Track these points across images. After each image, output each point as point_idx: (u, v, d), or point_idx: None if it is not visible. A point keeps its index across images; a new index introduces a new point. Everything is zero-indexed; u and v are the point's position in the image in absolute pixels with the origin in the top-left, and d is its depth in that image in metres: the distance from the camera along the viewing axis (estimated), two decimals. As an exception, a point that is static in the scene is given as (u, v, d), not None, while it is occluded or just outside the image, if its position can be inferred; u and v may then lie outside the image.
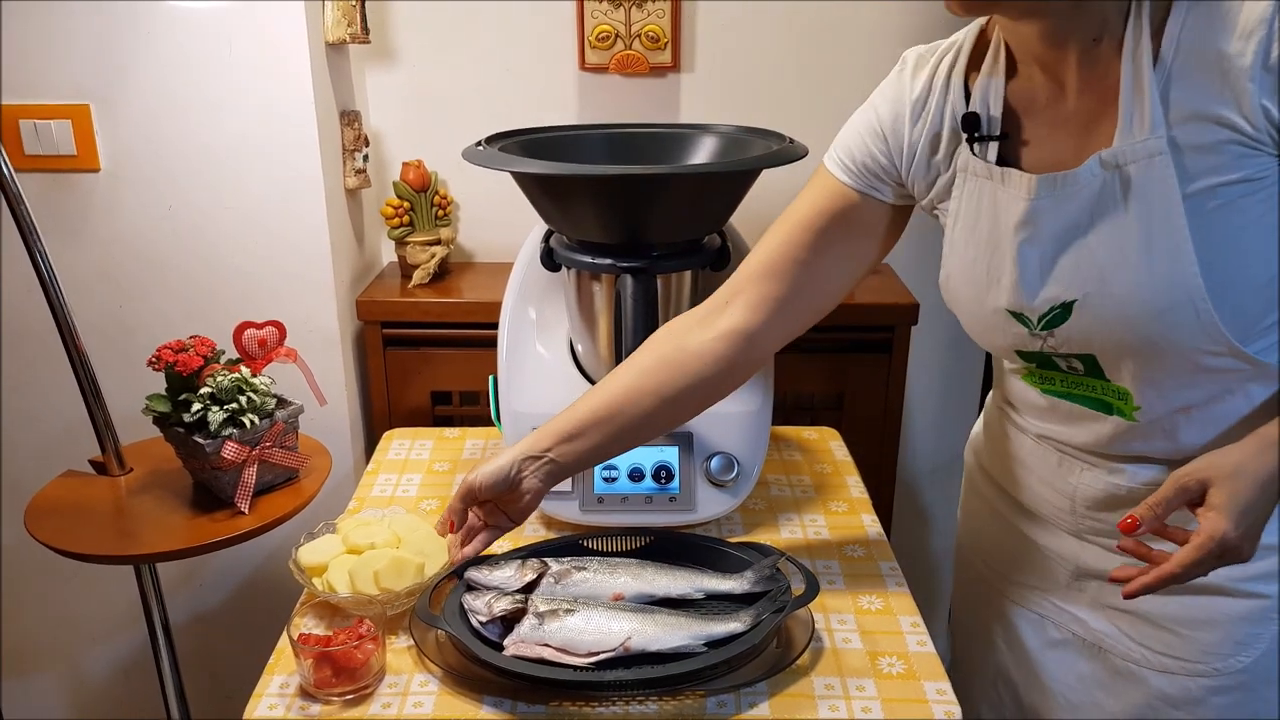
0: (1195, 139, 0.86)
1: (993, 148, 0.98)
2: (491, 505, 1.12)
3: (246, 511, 1.37)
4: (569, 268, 1.32)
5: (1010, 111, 0.98)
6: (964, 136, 1.00)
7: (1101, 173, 0.90)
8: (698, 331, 1.11)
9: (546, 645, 1.02)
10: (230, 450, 1.34)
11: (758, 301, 1.09)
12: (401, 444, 1.59)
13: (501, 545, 1.30)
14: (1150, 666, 1.07)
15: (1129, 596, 0.91)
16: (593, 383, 1.37)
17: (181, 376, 1.37)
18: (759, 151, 1.32)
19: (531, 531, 1.34)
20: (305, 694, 1.04)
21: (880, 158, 1.06)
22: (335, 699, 1.02)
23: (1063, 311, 0.96)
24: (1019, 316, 0.99)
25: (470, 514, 1.13)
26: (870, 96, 1.09)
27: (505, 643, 1.03)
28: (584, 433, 1.09)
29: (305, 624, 1.10)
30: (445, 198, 1.89)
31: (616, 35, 1.80)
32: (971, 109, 0.99)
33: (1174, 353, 0.92)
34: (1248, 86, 0.83)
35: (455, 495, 1.11)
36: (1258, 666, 1.02)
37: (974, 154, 0.99)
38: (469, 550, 1.12)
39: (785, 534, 1.34)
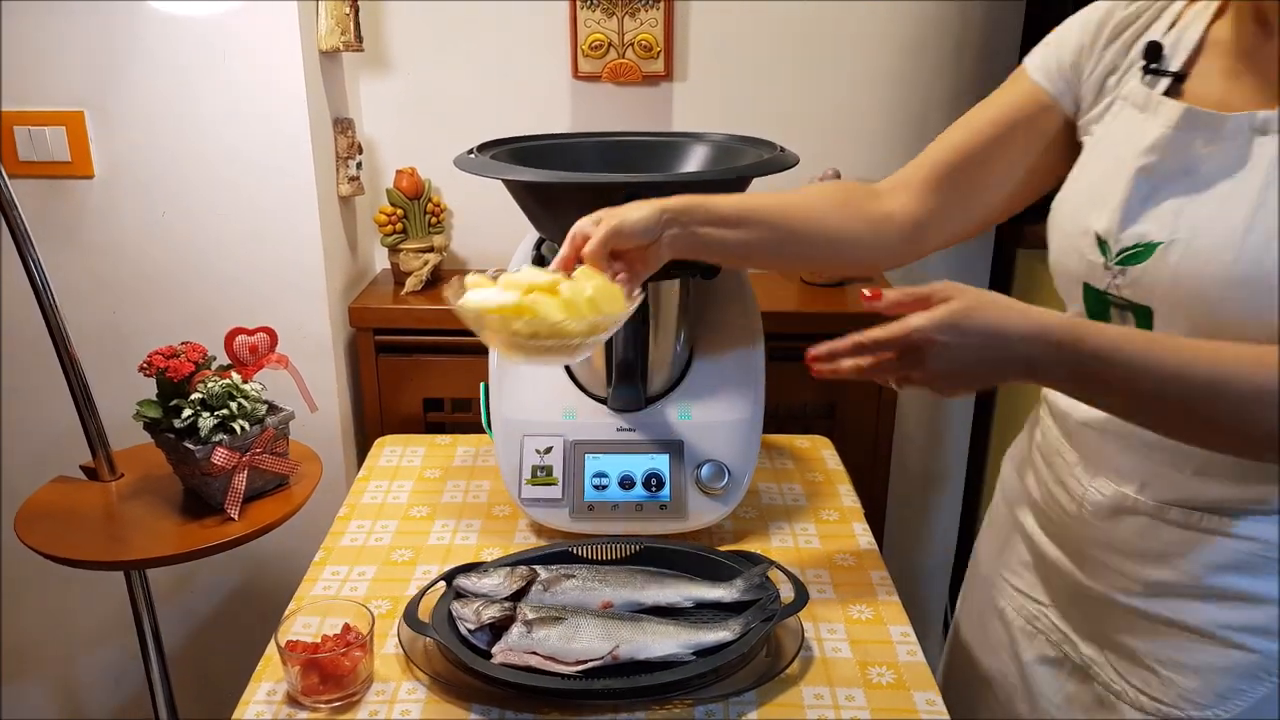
0: None
1: (1164, 83, 0.93)
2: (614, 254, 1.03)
3: (236, 517, 1.37)
4: (560, 275, 1.32)
5: (1200, 51, 0.93)
6: (1140, 63, 0.95)
7: (1248, 130, 0.86)
8: (870, 200, 1.11)
9: (534, 653, 1.02)
10: (220, 456, 1.34)
11: (927, 193, 1.09)
12: (393, 451, 1.59)
13: (491, 553, 1.30)
14: (1128, 701, 1.02)
15: (812, 359, 0.91)
16: (584, 390, 1.37)
17: (173, 382, 1.37)
18: (750, 160, 1.33)
19: (521, 539, 1.34)
20: (292, 701, 1.03)
21: (1072, 55, 1.02)
22: (322, 706, 1.02)
23: (1144, 251, 0.91)
24: (1103, 245, 0.95)
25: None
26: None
27: (493, 650, 1.03)
28: (739, 223, 1.04)
29: (293, 630, 1.10)
30: (438, 205, 1.89)
31: (609, 44, 1.80)
32: (1158, 38, 0.95)
33: (1230, 330, 0.86)
34: None
35: (598, 239, 0.99)
36: None
37: (1141, 82, 0.95)
38: None
39: (776, 543, 1.34)
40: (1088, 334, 0.84)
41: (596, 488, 1.31)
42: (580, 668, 1.01)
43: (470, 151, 1.32)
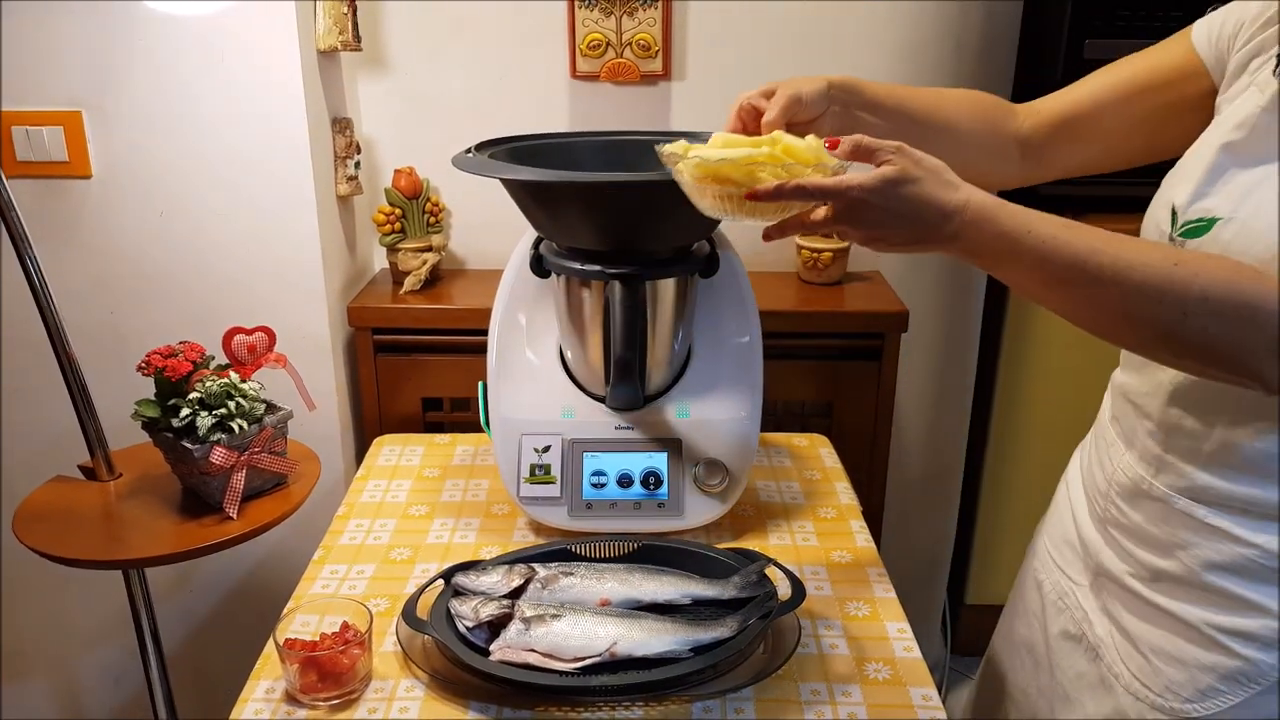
0: None
1: None
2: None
3: (235, 517, 1.37)
4: (558, 274, 1.33)
5: None
6: (1274, 55, 0.93)
7: None
8: (1006, 119, 1.15)
9: (533, 650, 1.02)
10: (219, 455, 1.34)
11: (1057, 127, 1.12)
12: (392, 450, 1.60)
13: (489, 551, 1.31)
14: (1123, 685, 1.04)
15: (751, 196, 0.92)
16: (582, 389, 1.38)
17: (171, 382, 1.37)
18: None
19: (520, 537, 1.35)
20: (291, 699, 1.04)
21: (1233, 28, 1.01)
22: (321, 704, 1.02)
23: (1205, 226, 0.90)
24: (1174, 216, 0.94)
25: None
26: None
27: (491, 648, 1.03)
28: (889, 114, 1.10)
29: (292, 629, 1.10)
30: (437, 205, 1.90)
31: (608, 44, 1.81)
32: None
33: None
34: None
35: (779, 107, 1.05)
36: None
37: (1274, 72, 0.92)
38: None
39: (774, 540, 1.34)
40: (1003, 212, 0.87)
41: (595, 486, 1.32)
42: (578, 665, 1.01)
43: (468, 151, 1.32)
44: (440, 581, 1.15)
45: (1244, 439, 0.91)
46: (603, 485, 1.32)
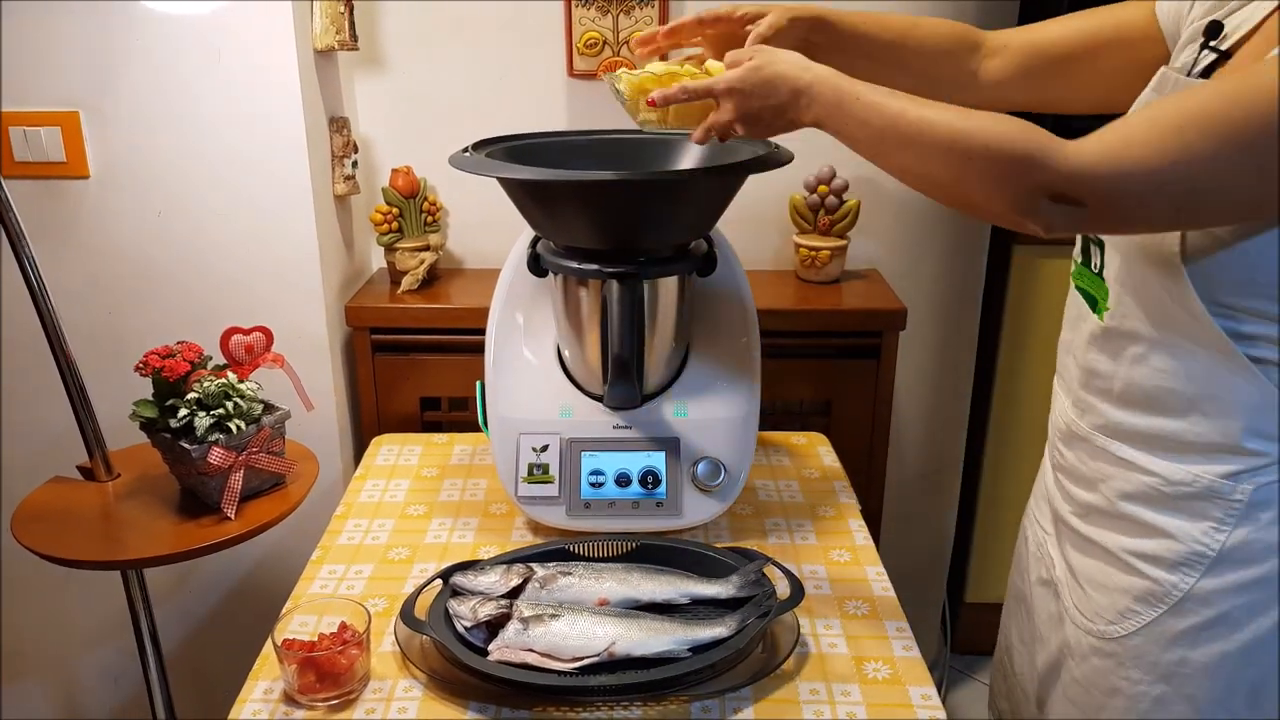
0: None
1: (1209, 57, 0.98)
2: (720, 36, 1.22)
3: (233, 517, 1.37)
4: (556, 273, 1.33)
5: (1251, 35, 0.97)
6: (1200, 40, 1.00)
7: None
8: (970, 55, 1.24)
9: (531, 650, 1.03)
10: (216, 456, 1.34)
11: (1015, 69, 1.20)
12: (390, 449, 1.60)
13: (488, 551, 1.31)
14: (1070, 617, 1.12)
15: (650, 101, 1.08)
16: (580, 388, 1.38)
17: (168, 382, 1.37)
18: (745, 157, 1.33)
19: (518, 537, 1.35)
20: (289, 699, 1.04)
21: (1181, 11, 1.08)
22: (319, 704, 1.02)
23: None
24: None
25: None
26: None
27: (490, 648, 1.04)
28: (856, 49, 1.20)
29: (290, 629, 1.10)
30: (434, 204, 1.89)
31: (604, 42, 1.80)
32: (1220, 18, 1.00)
33: (1142, 266, 0.97)
34: None
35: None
36: (1129, 642, 1.05)
37: (1197, 54, 1.00)
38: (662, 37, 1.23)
39: (772, 539, 1.34)
40: (843, 82, 1.00)
41: (593, 485, 1.32)
42: (577, 664, 1.01)
43: (465, 150, 1.32)
44: (438, 581, 1.15)
45: (1143, 379, 1.00)
46: (601, 484, 1.32)
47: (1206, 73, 0.98)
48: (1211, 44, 0.99)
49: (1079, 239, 1.11)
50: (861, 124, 0.98)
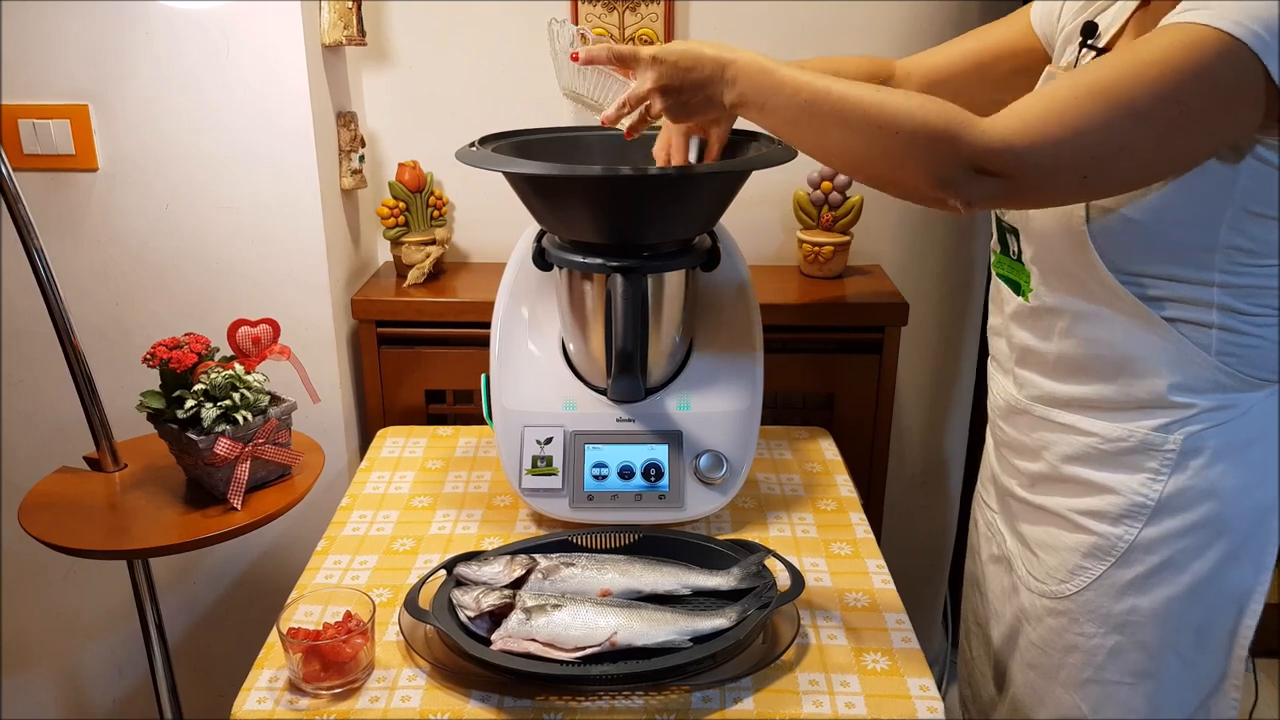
0: None
1: (1088, 54, 1.08)
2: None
3: (239, 508, 1.38)
4: (561, 267, 1.33)
5: (1123, 31, 1.07)
6: (1079, 40, 1.10)
7: None
8: (889, 77, 1.33)
9: (534, 640, 1.03)
10: (223, 447, 1.35)
11: (923, 91, 1.22)
12: (395, 442, 1.61)
13: (491, 543, 1.32)
14: (1024, 584, 1.20)
15: (572, 57, 1.12)
16: (584, 381, 1.39)
17: (176, 373, 1.38)
18: (749, 154, 1.34)
19: (521, 529, 1.35)
20: (294, 688, 1.05)
21: (1057, 9, 1.18)
22: (324, 692, 1.03)
23: None
24: None
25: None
26: None
27: (493, 638, 1.04)
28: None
29: (295, 618, 1.11)
30: (440, 198, 1.90)
31: (610, 38, 1.81)
32: (1094, 19, 1.09)
33: (1055, 246, 1.05)
34: None
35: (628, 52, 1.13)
36: (1081, 598, 1.12)
37: (1077, 54, 1.09)
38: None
39: (773, 532, 1.35)
40: (768, 63, 1.03)
41: (596, 478, 1.33)
42: (579, 654, 1.02)
43: (472, 144, 1.33)
44: (442, 572, 1.16)
45: (1072, 349, 1.09)
46: (604, 477, 1.33)
47: None
48: (1089, 42, 1.09)
49: (994, 229, 1.19)
50: (787, 101, 1.00)
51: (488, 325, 1.42)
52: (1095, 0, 1.13)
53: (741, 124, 1.50)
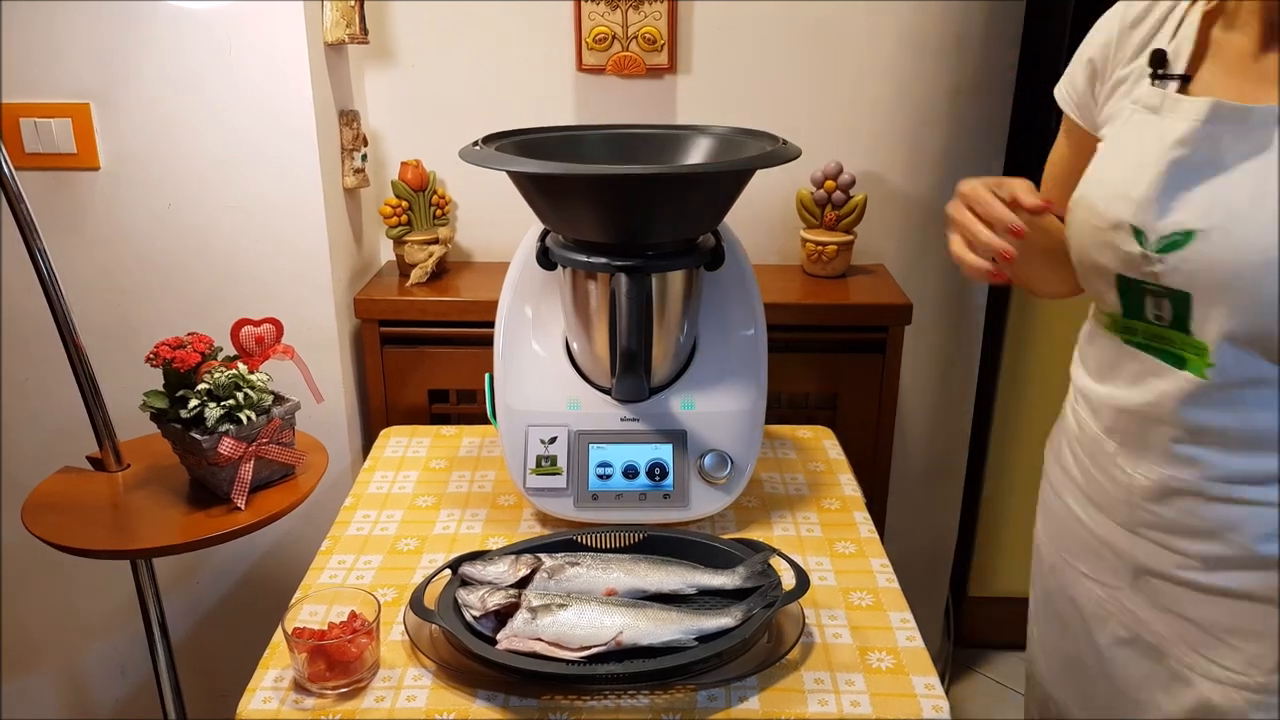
0: None
1: (1173, 85, 1.00)
2: None
3: (243, 507, 1.38)
4: (564, 267, 1.33)
5: (1201, 53, 1.01)
6: (1149, 71, 1.03)
7: (1273, 121, 0.91)
8: None
9: (539, 639, 1.03)
10: (227, 446, 1.35)
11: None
12: (398, 441, 1.60)
13: (496, 542, 1.31)
14: (1202, 673, 1.05)
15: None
16: (588, 380, 1.38)
17: (179, 373, 1.38)
18: (753, 152, 1.33)
19: (525, 529, 1.35)
20: (299, 687, 1.04)
21: (1084, 77, 1.12)
22: (329, 692, 1.03)
23: (1183, 238, 0.95)
24: (1138, 234, 0.98)
25: None
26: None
27: (498, 637, 1.04)
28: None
29: (299, 618, 1.11)
30: (443, 197, 1.90)
31: (614, 37, 1.81)
32: (1163, 46, 1.02)
33: (1266, 310, 0.92)
34: None
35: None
36: None
37: (1151, 87, 1.02)
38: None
39: (778, 531, 1.35)
40: None
41: (600, 477, 1.32)
42: (584, 654, 1.02)
43: (475, 143, 1.32)
44: (447, 571, 1.16)
45: (1268, 422, 0.96)
46: (608, 476, 1.32)
47: (1181, 92, 1.00)
48: (1163, 73, 1.02)
49: (1116, 293, 1.05)
50: None
51: (491, 325, 1.41)
52: (1133, 28, 1.07)
53: (742, 122, 1.50)
